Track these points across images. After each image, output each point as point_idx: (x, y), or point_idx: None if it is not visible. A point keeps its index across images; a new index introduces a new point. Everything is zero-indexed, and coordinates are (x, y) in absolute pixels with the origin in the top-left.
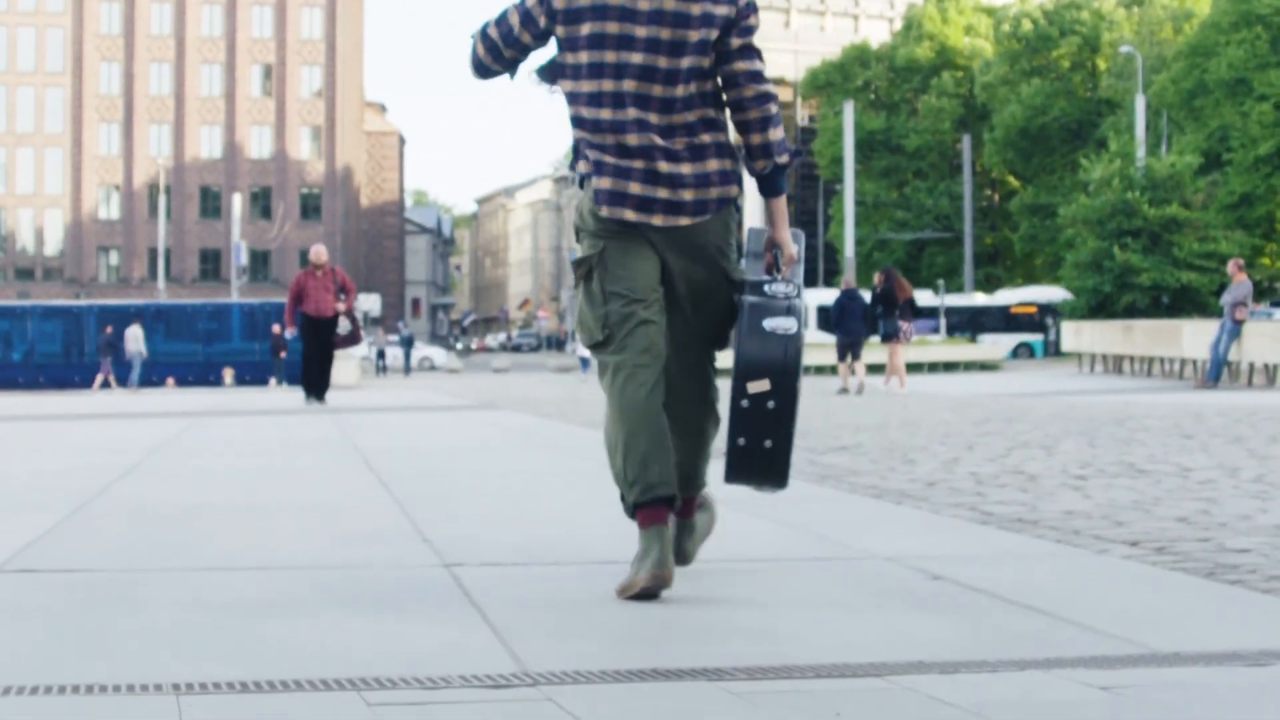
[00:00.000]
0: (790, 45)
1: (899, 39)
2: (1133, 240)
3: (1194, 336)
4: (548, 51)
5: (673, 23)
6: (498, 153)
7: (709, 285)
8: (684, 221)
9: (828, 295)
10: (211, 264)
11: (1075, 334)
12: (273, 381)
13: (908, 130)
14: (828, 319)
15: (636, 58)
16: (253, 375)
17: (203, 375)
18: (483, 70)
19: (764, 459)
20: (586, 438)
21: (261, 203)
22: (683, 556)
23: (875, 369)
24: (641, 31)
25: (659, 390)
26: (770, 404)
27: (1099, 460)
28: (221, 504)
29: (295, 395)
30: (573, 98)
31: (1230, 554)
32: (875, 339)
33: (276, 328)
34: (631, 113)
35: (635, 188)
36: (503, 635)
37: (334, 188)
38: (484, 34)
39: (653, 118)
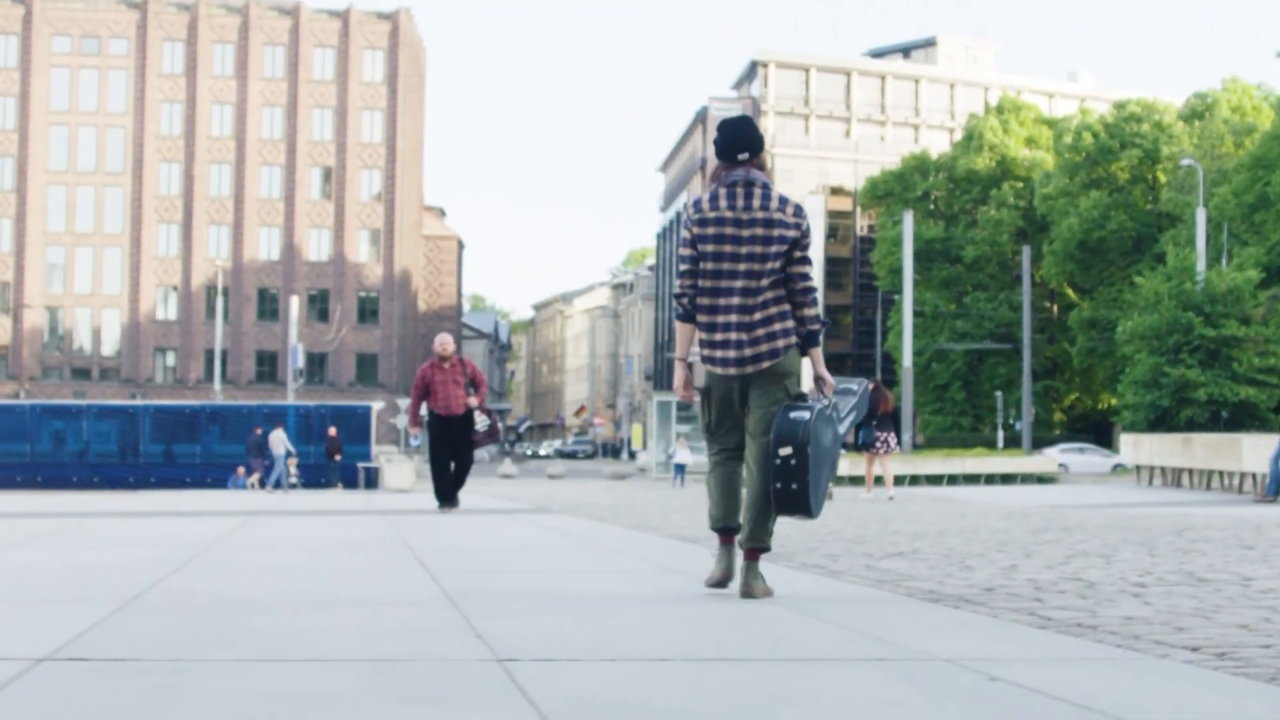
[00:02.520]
0: (850, 154)
1: (959, 149)
2: (1189, 356)
3: (1253, 450)
4: None
5: (763, 242)
6: (556, 259)
7: (772, 398)
8: (765, 365)
9: None
10: (268, 366)
11: (1134, 447)
12: (340, 486)
13: (966, 241)
14: None
15: (741, 266)
16: (308, 478)
17: (259, 478)
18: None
19: (792, 497)
20: (640, 541)
21: (319, 305)
22: (748, 591)
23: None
24: (744, 249)
25: (736, 469)
26: (792, 461)
27: (1158, 569)
28: (272, 598)
29: (351, 498)
30: (701, 288)
31: None
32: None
33: (333, 430)
34: (737, 300)
35: (731, 353)
36: None
37: (392, 291)
38: (685, 282)
39: (746, 300)
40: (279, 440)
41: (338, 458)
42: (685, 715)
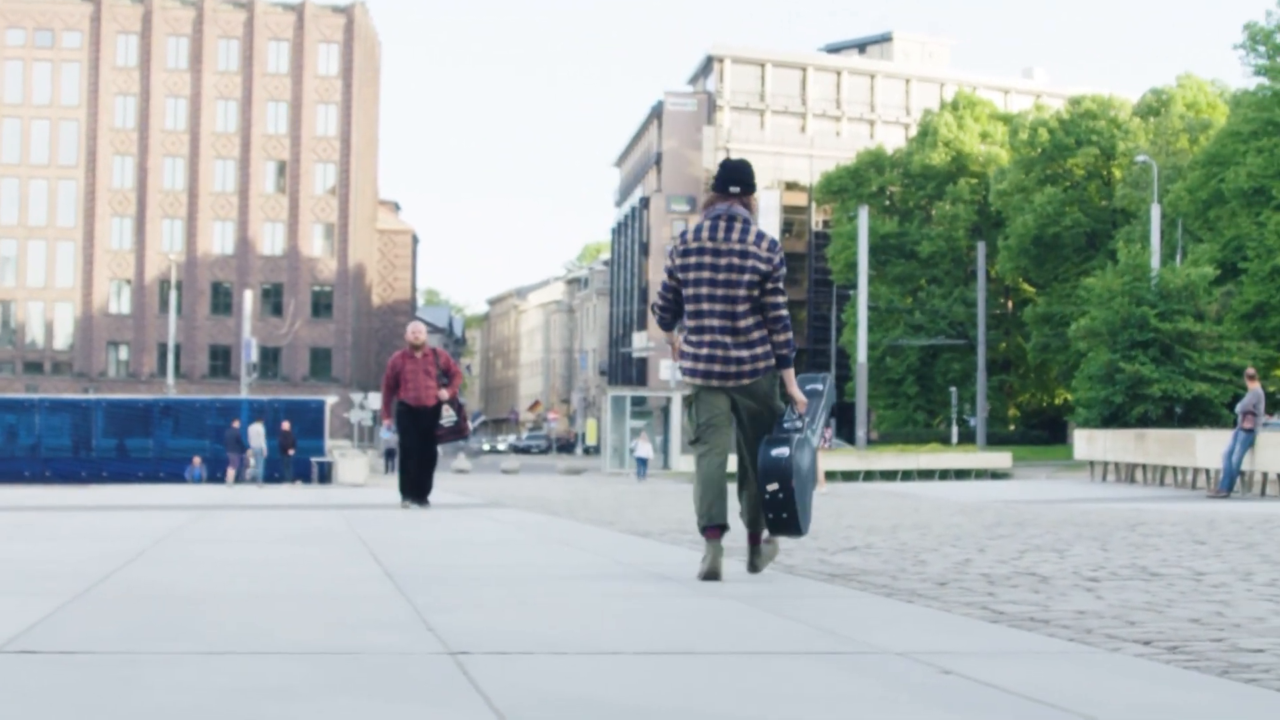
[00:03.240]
0: (806, 150)
1: (914, 145)
2: (1143, 352)
3: (1207, 446)
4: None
5: (737, 270)
6: (510, 254)
7: (759, 412)
8: (745, 382)
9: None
10: (222, 360)
11: (1088, 442)
12: (298, 482)
13: (921, 236)
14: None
15: (719, 291)
16: (262, 473)
17: (210, 471)
18: (670, 315)
19: (783, 522)
20: (595, 535)
21: (273, 299)
22: (754, 568)
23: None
24: (721, 276)
25: (724, 466)
26: (780, 495)
27: (1111, 563)
28: (226, 591)
29: (306, 492)
30: (687, 310)
31: (1244, 654)
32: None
33: (286, 425)
34: (715, 322)
35: (716, 367)
36: None
37: (346, 286)
38: (658, 300)
39: (724, 323)
40: (256, 434)
41: (291, 452)
42: (638, 708)
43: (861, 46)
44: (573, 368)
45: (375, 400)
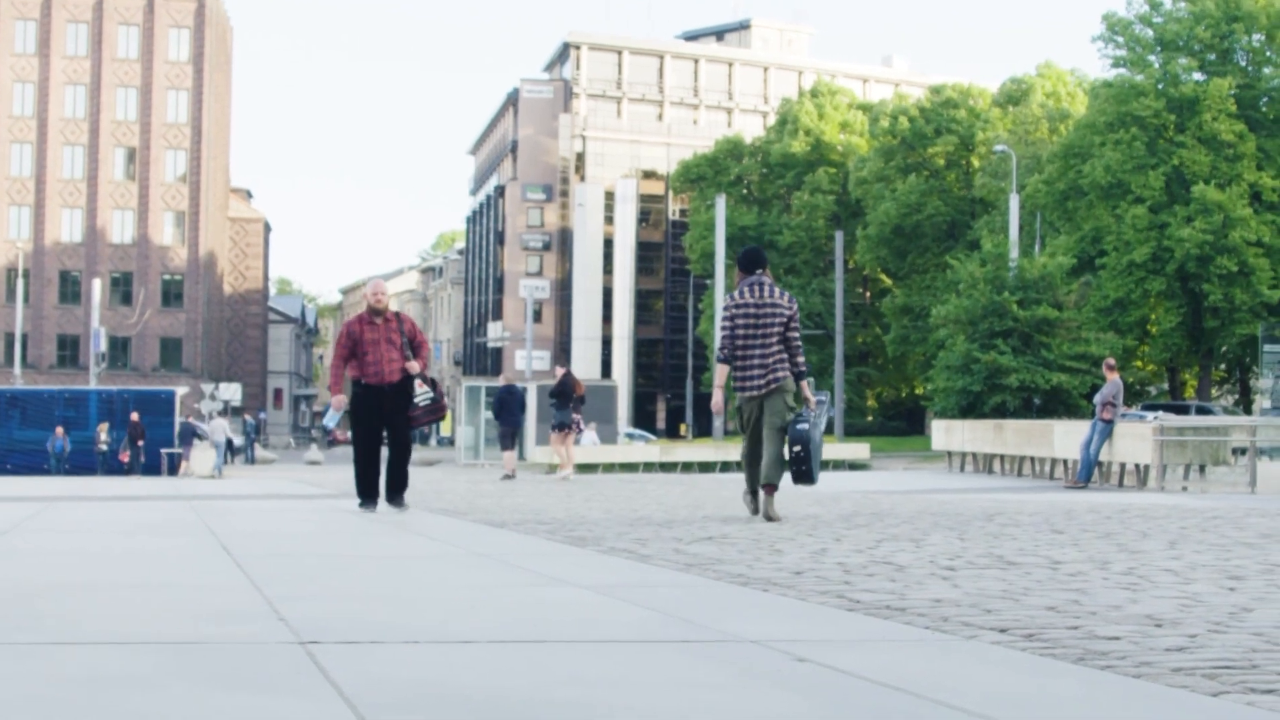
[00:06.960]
0: (663, 138)
1: (773, 134)
2: (1003, 341)
3: (1065, 436)
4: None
5: (770, 318)
6: (364, 242)
7: (778, 410)
8: (773, 387)
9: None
10: (70, 350)
11: (946, 433)
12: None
13: (781, 226)
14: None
15: (758, 332)
16: (113, 464)
17: (73, 450)
18: (729, 353)
19: (803, 473)
20: (448, 525)
21: (122, 288)
22: (768, 516)
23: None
24: (761, 323)
25: (757, 449)
26: (801, 454)
27: (968, 553)
28: (74, 582)
29: (155, 483)
30: (735, 345)
31: (1100, 641)
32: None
33: (135, 415)
34: (755, 353)
35: (752, 383)
36: (359, 710)
37: (197, 274)
38: (723, 344)
39: (760, 353)
40: (220, 428)
41: (141, 443)
42: (489, 697)
43: (719, 34)
44: (427, 358)
45: (226, 390)
